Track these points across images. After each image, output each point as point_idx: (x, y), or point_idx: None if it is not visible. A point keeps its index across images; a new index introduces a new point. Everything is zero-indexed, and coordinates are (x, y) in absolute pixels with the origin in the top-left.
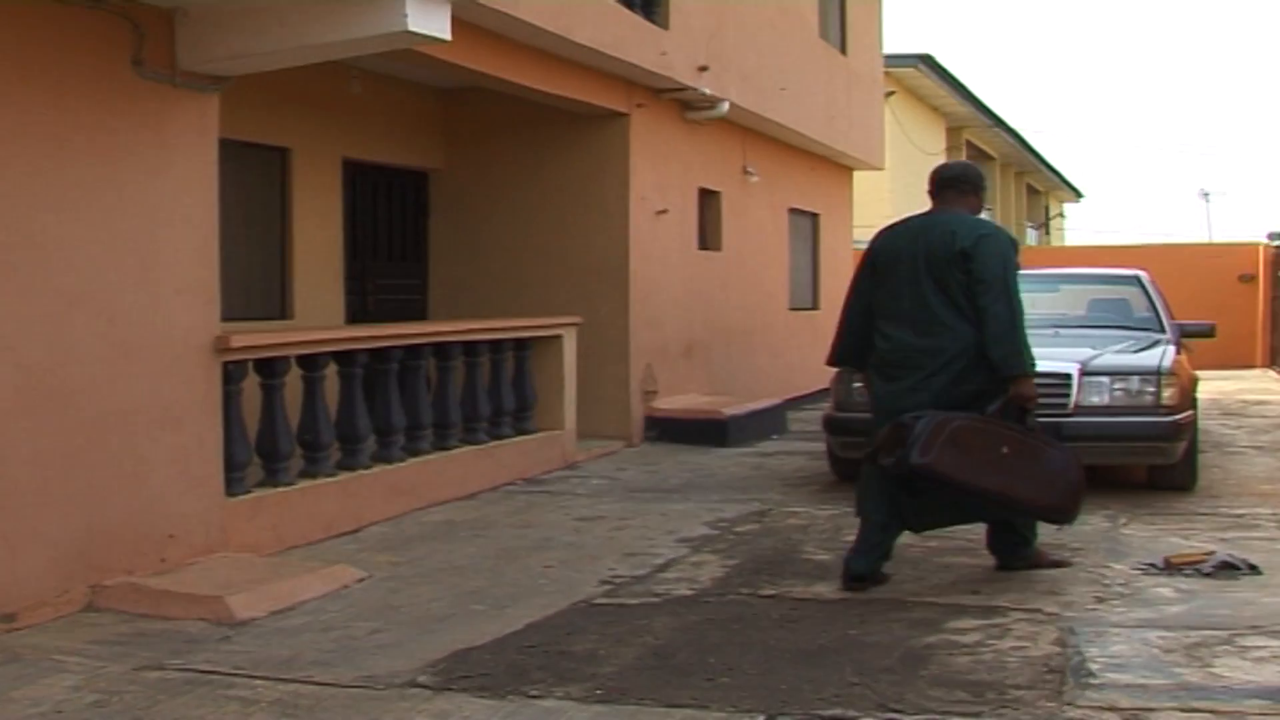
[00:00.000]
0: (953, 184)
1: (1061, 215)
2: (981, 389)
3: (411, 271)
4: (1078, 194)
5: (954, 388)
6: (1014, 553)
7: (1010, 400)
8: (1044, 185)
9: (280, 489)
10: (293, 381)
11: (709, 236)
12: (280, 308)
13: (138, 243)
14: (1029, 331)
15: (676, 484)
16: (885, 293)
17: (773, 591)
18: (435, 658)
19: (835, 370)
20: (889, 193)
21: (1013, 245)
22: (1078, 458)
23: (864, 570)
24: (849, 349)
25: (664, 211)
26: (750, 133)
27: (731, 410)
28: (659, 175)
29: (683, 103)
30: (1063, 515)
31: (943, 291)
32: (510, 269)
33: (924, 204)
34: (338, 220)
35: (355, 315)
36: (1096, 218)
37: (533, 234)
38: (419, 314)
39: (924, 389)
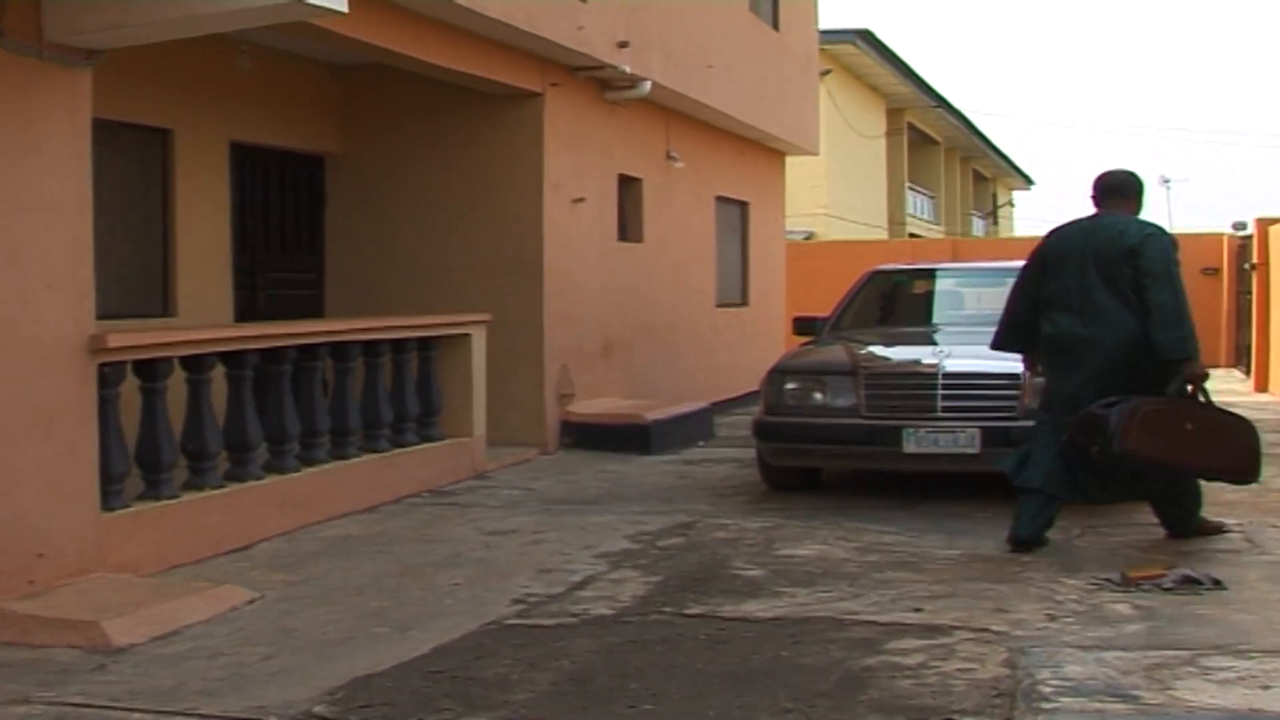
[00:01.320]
0: (1117, 190)
1: (1010, 204)
2: (1147, 374)
3: (306, 265)
4: (1028, 181)
5: (1121, 374)
6: (1186, 523)
7: (1183, 381)
8: (992, 171)
9: (162, 503)
10: (176, 385)
11: (630, 227)
12: (162, 304)
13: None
14: (974, 328)
15: (595, 494)
16: (1056, 286)
17: (699, 610)
18: (333, 686)
19: (766, 371)
20: (824, 179)
21: (1174, 243)
22: (1250, 422)
23: (1031, 536)
24: (1015, 335)
25: (581, 200)
26: (674, 114)
27: (654, 415)
28: (575, 160)
29: (601, 82)
30: (1247, 476)
31: (1109, 286)
32: (414, 262)
33: (862, 190)
34: (225, 209)
35: (245, 312)
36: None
37: (438, 224)
38: (315, 311)
39: (1097, 378)
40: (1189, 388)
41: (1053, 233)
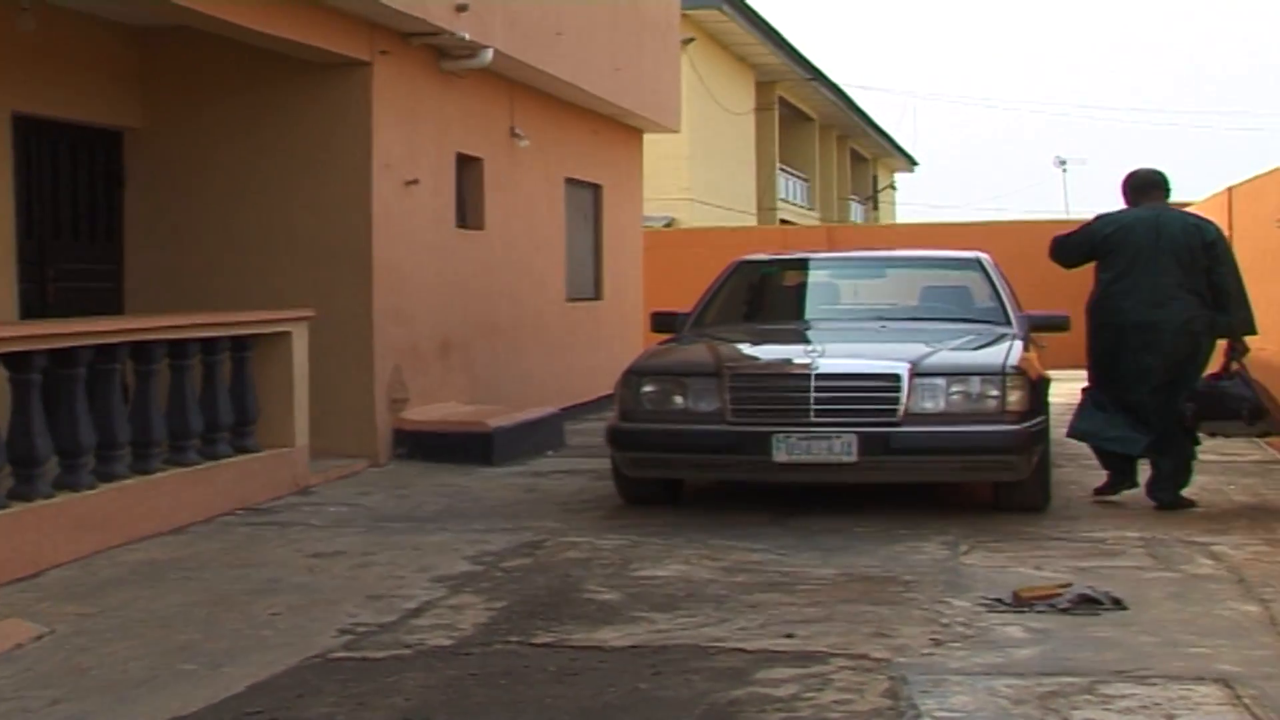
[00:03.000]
0: (1157, 185)
1: (892, 187)
2: (1198, 350)
3: (103, 255)
4: (911, 162)
5: (1182, 351)
6: (1177, 492)
7: (1243, 353)
8: (871, 151)
9: None
10: None
11: (470, 212)
12: None
13: None
14: (852, 324)
15: (432, 511)
16: (1121, 271)
17: (548, 639)
18: None
19: (622, 373)
20: (686, 160)
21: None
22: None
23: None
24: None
25: (414, 182)
26: (519, 87)
27: (498, 421)
28: (408, 138)
29: (437, 50)
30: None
31: (1183, 272)
32: (226, 252)
33: (729, 172)
34: (8, 190)
35: (31, 308)
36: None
37: (253, 210)
38: (113, 307)
39: (1167, 355)
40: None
41: (1108, 220)
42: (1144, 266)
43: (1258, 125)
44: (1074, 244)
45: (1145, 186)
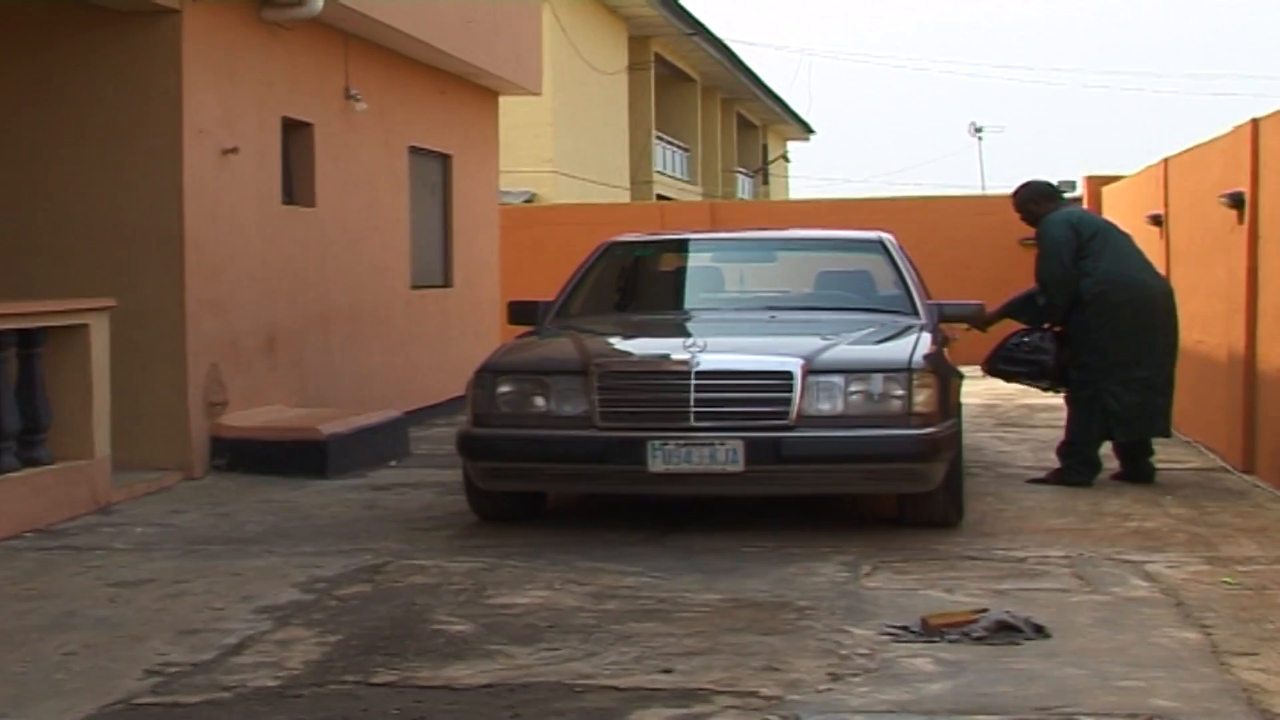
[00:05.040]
0: (1059, 192)
1: (785, 158)
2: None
3: None
4: (807, 130)
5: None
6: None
7: None
8: (761, 117)
9: None
10: None
11: (298, 186)
12: None
13: None
14: (739, 314)
15: (256, 531)
16: (1114, 254)
17: (390, 678)
18: None
19: (474, 372)
20: (550, 126)
21: None
22: None
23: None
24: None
25: (233, 151)
26: (355, 41)
27: (333, 427)
28: (225, 100)
29: None
30: None
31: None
32: (8, 232)
33: (599, 141)
34: None
35: None
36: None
37: (41, 182)
38: None
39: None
40: None
41: (1064, 223)
42: (1125, 246)
43: (1198, 88)
44: (1063, 265)
45: (1053, 193)
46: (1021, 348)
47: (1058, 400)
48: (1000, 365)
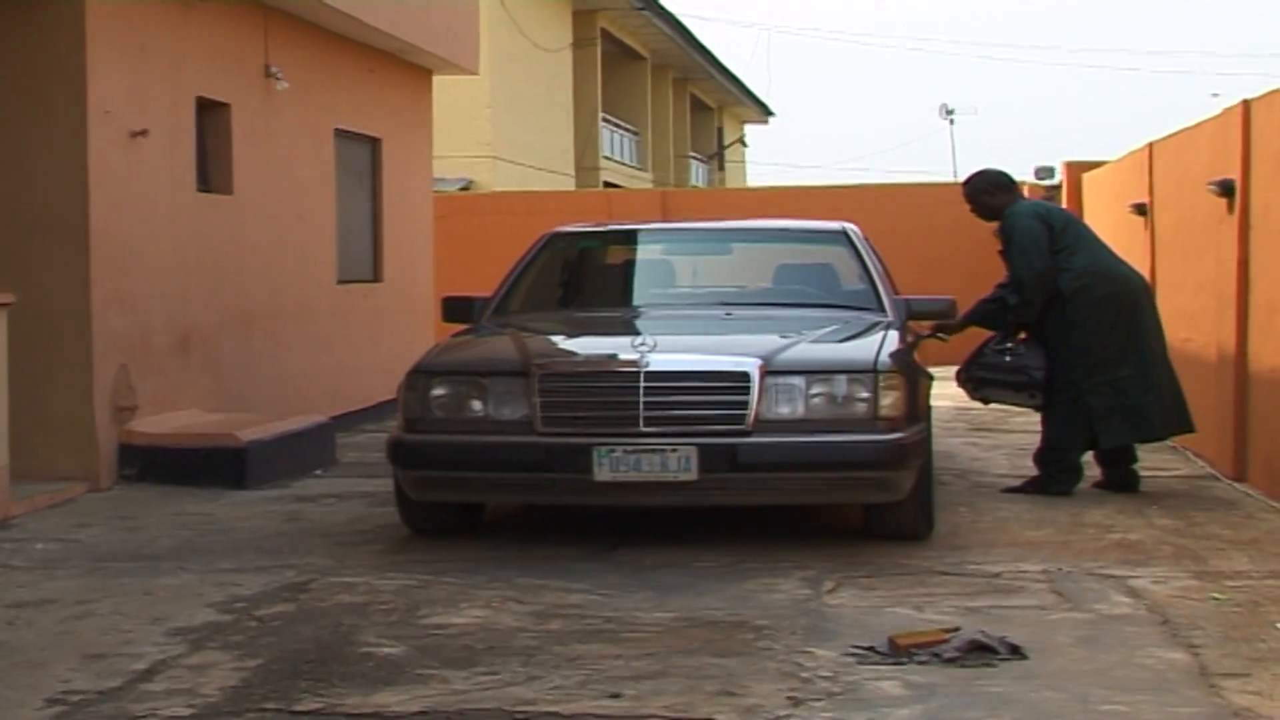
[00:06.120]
0: (1015, 183)
1: (742, 142)
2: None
3: None
4: (766, 112)
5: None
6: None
7: None
8: (717, 99)
9: None
10: None
11: (214, 172)
12: None
13: None
14: (691, 311)
15: (168, 547)
16: (1089, 249)
17: (315, 705)
18: None
19: (406, 373)
20: (488, 108)
21: None
22: None
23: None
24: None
25: (142, 133)
26: (276, 15)
27: (252, 434)
28: (134, 78)
29: None
30: None
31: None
32: None
33: (541, 124)
34: None
35: None
36: (792, 147)
37: None
38: None
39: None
40: None
41: (1042, 205)
42: (1097, 238)
43: (1185, 67)
44: (1042, 259)
45: (1010, 184)
46: (1002, 355)
47: None
48: (980, 374)
